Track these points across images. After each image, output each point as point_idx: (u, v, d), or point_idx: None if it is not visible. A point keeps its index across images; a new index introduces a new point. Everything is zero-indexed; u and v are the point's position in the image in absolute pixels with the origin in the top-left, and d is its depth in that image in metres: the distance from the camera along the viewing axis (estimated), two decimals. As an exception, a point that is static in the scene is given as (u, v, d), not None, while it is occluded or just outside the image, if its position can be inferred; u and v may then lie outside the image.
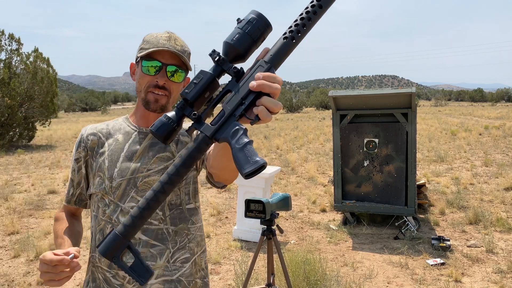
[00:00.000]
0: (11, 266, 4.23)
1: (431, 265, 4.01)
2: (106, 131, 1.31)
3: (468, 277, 3.78)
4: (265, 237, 2.63)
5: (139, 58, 1.23)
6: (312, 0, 0.77)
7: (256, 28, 0.77)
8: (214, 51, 0.77)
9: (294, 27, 0.77)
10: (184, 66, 1.25)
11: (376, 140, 5.02)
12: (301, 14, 0.77)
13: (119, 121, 1.34)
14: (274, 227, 2.64)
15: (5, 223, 5.54)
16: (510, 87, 66.89)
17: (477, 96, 69.18)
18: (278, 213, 2.62)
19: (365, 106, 5.01)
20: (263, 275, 3.75)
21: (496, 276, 3.76)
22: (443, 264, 4.03)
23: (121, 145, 1.26)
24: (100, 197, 1.24)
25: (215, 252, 4.47)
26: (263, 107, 0.73)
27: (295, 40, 0.76)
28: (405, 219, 5.02)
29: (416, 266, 4.03)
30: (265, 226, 2.62)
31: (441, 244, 4.40)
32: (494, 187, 7.11)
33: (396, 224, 5.19)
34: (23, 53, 15.61)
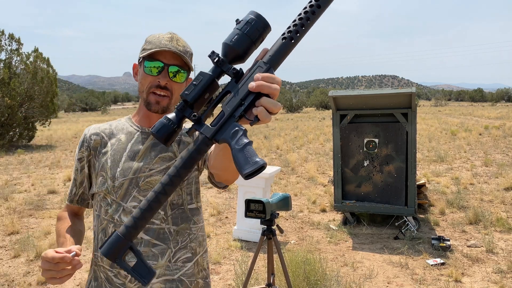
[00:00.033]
0: (11, 266, 4.23)
1: (431, 265, 4.01)
2: (109, 131, 1.31)
3: (468, 277, 3.78)
4: (265, 237, 2.63)
5: (142, 58, 1.24)
6: (311, 0, 0.77)
7: (255, 28, 0.76)
8: (213, 52, 0.77)
9: (293, 27, 0.76)
10: (186, 67, 1.25)
11: (376, 140, 5.02)
12: (299, 15, 0.77)
13: (122, 121, 1.35)
14: (274, 227, 2.64)
15: (5, 223, 5.54)
16: (510, 87, 66.93)
17: (477, 96, 69.19)
18: (278, 213, 2.62)
19: (365, 106, 5.01)
20: (263, 275, 3.75)
21: (496, 276, 3.76)
22: (443, 264, 4.03)
23: (124, 145, 1.27)
24: (102, 196, 1.25)
25: (215, 252, 4.47)
26: (262, 108, 0.73)
27: (293, 41, 0.76)
28: (405, 219, 5.02)
29: (416, 266, 4.03)
30: (265, 226, 2.62)
31: (441, 244, 4.40)
32: (494, 187, 7.11)
33: (396, 224, 5.19)
34: (23, 53, 15.62)
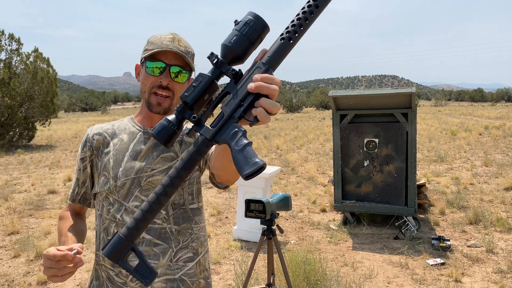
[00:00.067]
0: (11, 266, 4.23)
1: (431, 265, 4.01)
2: (111, 131, 1.32)
3: (468, 277, 3.78)
4: (265, 237, 2.63)
5: (143, 59, 1.25)
6: (309, 0, 0.77)
7: (253, 29, 0.77)
8: (212, 53, 0.77)
9: (291, 27, 0.77)
10: (187, 67, 1.26)
11: (376, 140, 5.02)
12: (297, 15, 0.77)
13: (124, 121, 1.36)
14: (274, 227, 2.64)
15: (5, 223, 5.54)
16: (510, 87, 66.96)
17: (477, 96, 69.21)
18: (278, 213, 2.62)
19: (365, 106, 5.01)
20: (263, 275, 3.75)
21: (496, 276, 3.76)
22: (443, 264, 4.03)
23: (126, 145, 1.28)
24: (104, 196, 1.26)
25: (215, 252, 4.47)
26: (261, 109, 0.73)
27: (292, 41, 0.76)
28: (405, 219, 5.02)
29: (416, 266, 4.03)
30: (265, 226, 2.62)
31: (441, 244, 4.40)
32: (494, 187, 7.11)
33: (396, 224, 5.19)
34: (23, 53, 15.62)
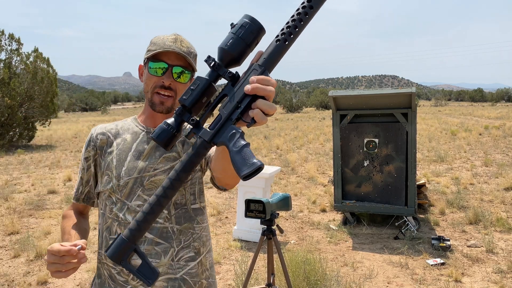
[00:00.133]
0: (11, 266, 4.23)
1: (431, 265, 4.01)
2: (115, 131, 1.34)
3: (468, 277, 3.78)
4: (265, 237, 2.63)
5: (146, 59, 1.27)
6: (303, 2, 0.78)
7: (249, 32, 0.77)
8: (209, 57, 0.79)
9: (286, 29, 0.77)
10: (190, 67, 1.27)
11: (376, 140, 5.02)
12: (292, 16, 0.78)
13: (127, 121, 1.38)
14: (274, 227, 2.64)
15: (5, 223, 5.54)
16: (510, 87, 66.98)
17: (477, 96, 69.22)
18: (278, 213, 2.62)
19: (365, 106, 5.01)
20: (263, 275, 3.75)
21: (496, 276, 3.76)
22: (443, 264, 4.03)
23: (129, 144, 1.29)
24: (107, 195, 1.27)
25: (215, 252, 4.47)
26: (258, 110, 0.74)
27: (287, 42, 0.77)
28: (405, 219, 5.02)
29: (416, 266, 4.03)
30: (265, 226, 2.62)
31: (441, 244, 4.40)
32: (494, 187, 7.11)
33: (396, 224, 5.19)
34: (23, 53, 15.62)
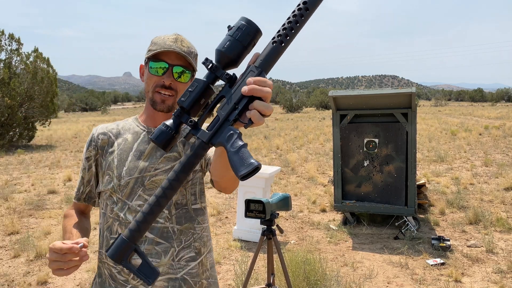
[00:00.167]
0: (11, 266, 4.23)
1: (431, 265, 4.01)
2: (116, 130, 1.34)
3: (468, 277, 3.78)
4: (265, 237, 2.63)
5: (147, 59, 1.27)
6: (299, 4, 0.79)
7: (246, 34, 0.79)
8: (207, 59, 0.80)
9: (282, 31, 0.79)
10: (190, 67, 1.28)
11: (376, 140, 5.02)
12: (288, 18, 0.79)
13: (129, 121, 1.38)
14: (274, 227, 2.64)
15: (5, 223, 5.54)
16: (510, 87, 67.00)
17: (477, 96, 69.24)
18: (278, 213, 2.62)
19: (365, 106, 5.01)
20: (263, 275, 3.75)
21: (496, 276, 3.76)
22: (443, 264, 4.03)
23: (130, 144, 1.30)
24: (108, 195, 1.27)
25: (215, 252, 4.47)
26: (255, 111, 0.75)
27: (284, 44, 0.78)
28: (405, 219, 5.02)
29: (416, 266, 4.03)
30: (265, 226, 2.62)
31: (441, 244, 4.40)
32: (494, 187, 7.11)
33: (396, 224, 5.19)
34: (23, 53, 15.61)
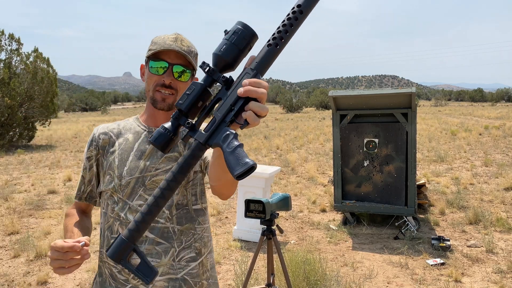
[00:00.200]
0: (11, 266, 4.23)
1: (431, 265, 4.01)
2: (117, 130, 1.35)
3: (468, 277, 3.78)
4: (265, 237, 2.64)
5: (147, 59, 1.28)
6: (293, 7, 0.80)
7: (242, 38, 0.81)
8: (204, 62, 0.82)
9: (277, 34, 0.80)
10: (190, 66, 1.29)
11: (376, 140, 5.02)
12: (283, 21, 0.81)
13: (129, 121, 1.39)
14: (274, 227, 2.64)
15: (5, 223, 5.54)
16: (510, 87, 67.02)
17: (477, 96, 69.26)
18: (278, 213, 2.62)
19: (365, 106, 5.01)
20: (263, 275, 3.75)
21: (496, 276, 3.76)
22: (443, 264, 4.03)
23: (131, 144, 1.30)
24: (109, 194, 1.28)
25: (215, 252, 4.47)
26: (251, 112, 0.77)
27: (279, 46, 0.80)
28: (405, 219, 5.02)
29: (416, 266, 4.03)
30: (265, 226, 2.63)
31: (441, 244, 4.40)
32: (494, 187, 7.11)
33: (396, 224, 5.19)
34: (23, 53, 15.61)
